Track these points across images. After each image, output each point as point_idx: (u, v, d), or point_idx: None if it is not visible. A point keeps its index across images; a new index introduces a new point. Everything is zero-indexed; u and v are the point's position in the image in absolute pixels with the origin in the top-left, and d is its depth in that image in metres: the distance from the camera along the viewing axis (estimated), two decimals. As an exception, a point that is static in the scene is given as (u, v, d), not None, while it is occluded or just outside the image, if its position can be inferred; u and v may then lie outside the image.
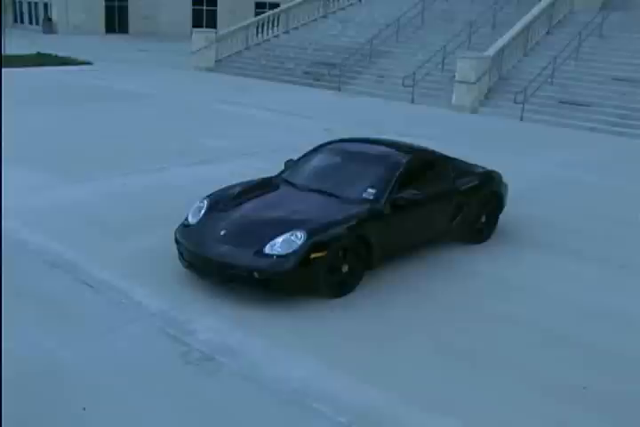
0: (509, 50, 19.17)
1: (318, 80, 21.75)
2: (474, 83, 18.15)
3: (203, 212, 7.03)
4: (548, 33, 20.62)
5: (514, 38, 19.24)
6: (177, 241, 6.96)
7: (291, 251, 6.29)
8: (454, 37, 20.92)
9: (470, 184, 8.08)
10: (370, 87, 20.62)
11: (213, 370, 5.43)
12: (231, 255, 6.39)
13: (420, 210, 7.36)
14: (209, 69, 24.20)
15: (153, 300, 6.48)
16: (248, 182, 7.69)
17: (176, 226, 7.85)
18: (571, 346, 6.11)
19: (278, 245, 6.35)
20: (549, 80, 18.17)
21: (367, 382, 5.36)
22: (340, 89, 20.91)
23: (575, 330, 6.40)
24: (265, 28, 25.23)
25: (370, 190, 7.12)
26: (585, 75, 18.35)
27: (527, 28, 19.71)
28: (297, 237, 6.36)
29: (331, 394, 5.19)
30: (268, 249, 6.34)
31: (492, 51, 18.69)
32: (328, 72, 21.60)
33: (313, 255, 6.33)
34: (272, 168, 11.34)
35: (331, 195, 7.13)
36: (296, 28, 25.57)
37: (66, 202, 9.04)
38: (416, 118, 17.20)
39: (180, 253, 6.90)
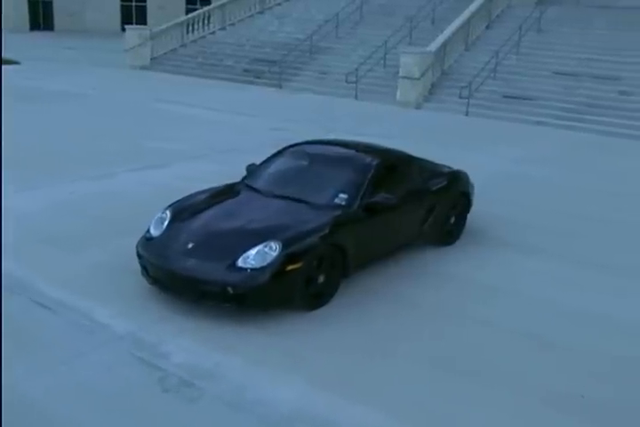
0: (451, 45, 19.15)
1: (259, 77, 21.32)
2: (418, 78, 18.06)
3: (166, 223, 6.59)
4: (487, 28, 20.71)
5: (455, 33, 19.22)
6: (139, 255, 6.50)
7: (266, 263, 5.92)
8: (394, 33, 20.79)
9: (440, 185, 7.86)
10: (312, 84, 20.32)
11: (194, 397, 5.02)
12: (201, 270, 5.97)
13: (393, 214, 7.09)
14: (144, 68, 23.47)
15: (118, 320, 6.01)
16: (211, 190, 7.27)
17: (132, 237, 7.39)
18: (560, 351, 5.94)
19: (252, 258, 5.97)
20: (492, 75, 18.23)
21: (360, 403, 5.05)
22: (281, 86, 20.54)
23: (560, 334, 6.23)
24: (200, 24, 24.61)
25: (341, 195, 6.81)
26: (527, 69, 18.48)
27: (467, 22, 19.72)
28: (271, 249, 5.99)
29: (322, 418, 4.87)
30: (241, 262, 5.96)
31: (434, 46, 18.62)
32: (269, 69, 21.19)
33: (289, 267, 5.98)
34: (224, 171, 10.96)
35: (300, 201, 6.78)
36: (232, 25, 25.05)
37: (8, 214, 8.42)
38: (363, 115, 17.00)
39: (144, 269, 6.45)
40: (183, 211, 6.74)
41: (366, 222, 6.77)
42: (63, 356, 5.43)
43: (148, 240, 6.51)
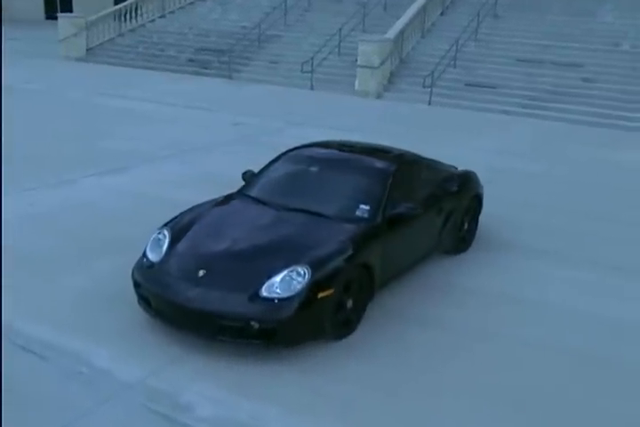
0: (408, 32, 18.50)
1: (206, 68, 20.22)
2: (377, 67, 17.36)
3: (165, 246, 5.69)
4: (442, 14, 20.15)
5: (411, 20, 18.58)
6: (137, 284, 5.59)
7: (294, 292, 5.12)
8: (346, 19, 19.98)
9: (453, 188, 7.18)
10: (263, 74, 19.37)
11: (236, 462, 4.21)
12: (218, 302, 5.13)
13: (413, 224, 6.37)
14: (80, 59, 22.03)
15: (121, 364, 5.12)
16: (209, 203, 6.38)
17: (114, 257, 6.56)
18: (616, 369, 5.36)
19: (277, 286, 5.16)
20: (452, 63, 17.69)
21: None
22: (231, 77, 19.53)
23: (608, 349, 5.67)
24: (138, 12, 23.24)
25: (362, 207, 6.04)
26: (487, 56, 18.02)
27: (423, 8, 19.11)
28: (299, 275, 5.19)
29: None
30: (265, 291, 5.13)
31: (392, 33, 17.95)
32: (217, 59, 20.11)
33: (320, 295, 5.20)
34: (195, 173, 10.05)
35: (317, 215, 5.98)
36: (172, 12, 23.77)
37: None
38: (323, 107, 16.19)
39: (143, 299, 5.54)
40: (183, 230, 5.85)
41: (390, 236, 6.04)
42: (64, 418, 4.52)
43: (146, 267, 5.59)
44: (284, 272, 5.20)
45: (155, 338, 5.45)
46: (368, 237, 5.80)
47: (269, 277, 5.19)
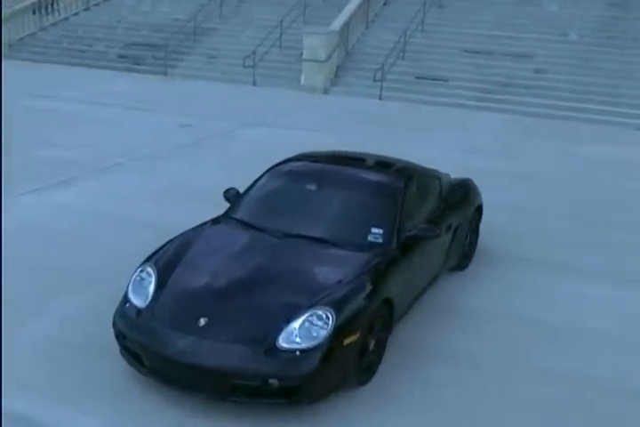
0: (352, 23, 17.80)
1: (139, 64, 19.06)
2: (324, 61, 16.64)
3: (152, 287, 4.81)
4: (385, 4, 19.50)
5: (355, 10, 17.87)
6: (122, 336, 4.70)
7: (318, 341, 4.35)
8: (285, 10, 19.08)
9: (456, 200, 6.53)
10: (201, 70, 18.37)
11: None
12: (229, 358, 4.30)
13: (426, 245, 5.67)
14: (0, 56, 20.39)
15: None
16: (195, 233, 5.49)
17: (78, 294, 5.70)
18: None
19: (297, 334, 4.37)
20: (401, 55, 17.13)
21: None
22: (166, 73, 18.44)
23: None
24: (61, 4, 21.74)
25: (375, 231, 5.30)
26: (435, 48, 17.52)
27: (365, -2, 18.44)
28: (320, 319, 4.42)
29: None
30: (283, 342, 4.35)
31: (337, 25, 17.23)
32: (151, 55, 18.94)
33: (347, 341, 4.45)
34: (152, 184, 9.06)
35: (324, 242, 5.20)
36: (97, 5, 22.35)
37: None
38: (271, 104, 15.36)
39: (131, 354, 4.65)
40: (170, 266, 4.98)
41: (405, 262, 5.32)
42: None
43: (132, 314, 4.69)
44: (303, 317, 4.42)
45: (149, 400, 4.58)
46: (385, 266, 5.08)
47: (286, 323, 4.39)
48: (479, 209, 6.97)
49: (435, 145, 11.88)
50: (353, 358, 4.56)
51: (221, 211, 6.31)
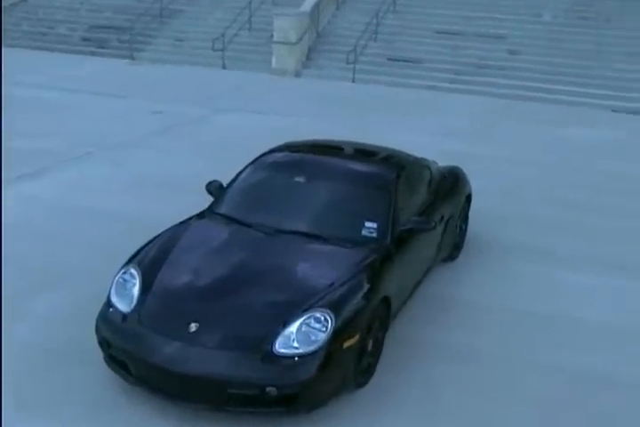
0: (322, 4, 17.43)
1: (103, 47, 18.50)
2: (295, 43, 16.29)
3: (136, 290, 4.52)
4: (354, -16, 19.10)
5: (325, -9, 17.52)
6: (106, 343, 4.42)
7: (317, 345, 4.12)
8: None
9: (447, 189, 6.32)
10: (169, 53, 17.90)
11: None
12: (223, 366, 4.05)
13: (419, 237, 5.46)
14: (-44, 39, 19.63)
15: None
16: (179, 230, 5.19)
17: (53, 294, 5.36)
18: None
19: (294, 338, 4.13)
20: (373, 37, 16.83)
21: None
22: (133, 57, 17.90)
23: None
24: (19, -15, 20.95)
25: (369, 225, 5.07)
26: (407, 29, 17.26)
27: (335, -22, 18.06)
28: (318, 321, 4.20)
29: None
30: (280, 347, 4.11)
31: (307, 6, 16.86)
32: (116, 37, 18.38)
33: (346, 344, 4.23)
34: (126, 175, 8.69)
35: (316, 237, 4.96)
36: (57, -15, 21.54)
37: None
38: (243, 88, 14.96)
39: (117, 363, 4.38)
40: (155, 267, 4.69)
41: (400, 257, 5.11)
42: None
43: (116, 320, 4.41)
44: (300, 320, 4.19)
45: (136, 411, 4.32)
46: (381, 262, 4.86)
47: (282, 327, 4.15)
48: (469, 198, 6.79)
49: (411, 129, 11.68)
50: (352, 361, 4.35)
51: (199, 201, 6.05)
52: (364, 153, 6.11)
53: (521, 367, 5.07)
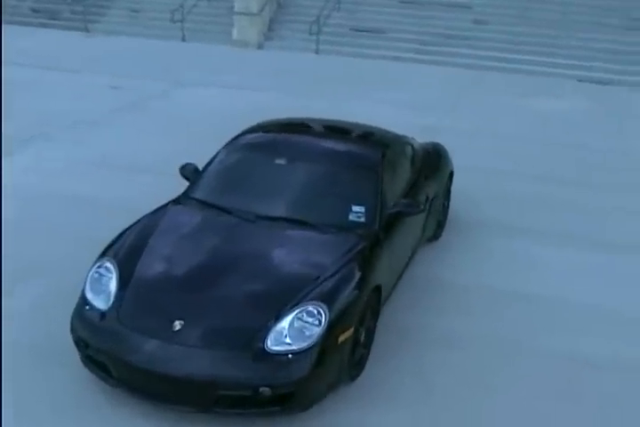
0: (282, -27, 16.90)
1: (55, 19, 17.70)
2: (257, 14, 15.78)
3: (114, 285, 4.22)
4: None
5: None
6: (83, 343, 4.13)
7: (312, 340, 3.89)
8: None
9: (431, 168, 6.09)
10: (125, 25, 17.21)
11: None
12: (212, 367, 3.80)
13: (405, 220, 5.23)
14: None
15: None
16: (154, 218, 4.87)
17: (15, 286, 5.04)
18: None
19: (287, 334, 3.89)
20: (336, 6, 16.37)
21: None
22: (87, 29, 17.17)
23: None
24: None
25: (356, 209, 4.83)
26: (369, -3, 16.80)
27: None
28: (311, 315, 3.97)
29: None
30: (273, 344, 3.87)
31: (268, -25, 16.29)
32: (68, 8, 17.60)
33: (342, 338, 4.00)
34: (88, 156, 8.26)
35: (301, 223, 4.70)
36: (3, -47, 20.52)
37: None
38: (204, 61, 14.48)
39: (96, 364, 4.09)
40: (132, 260, 4.38)
41: (388, 242, 4.89)
42: None
43: (93, 318, 4.11)
44: (293, 314, 3.95)
45: (117, 413, 4.05)
46: (371, 249, 4.63)
47: (274, 322, 3.91)
48: (451, 175, 6.58)
49: (379, 102, 11.42)
50: (346, 355, 4.13)
51: (171, 183, 5.73)
52: (344, 131, 5.83)
53: (511, 352, 4.95)
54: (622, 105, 12.08)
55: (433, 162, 6.20)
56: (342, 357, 4.09)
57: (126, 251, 4.45)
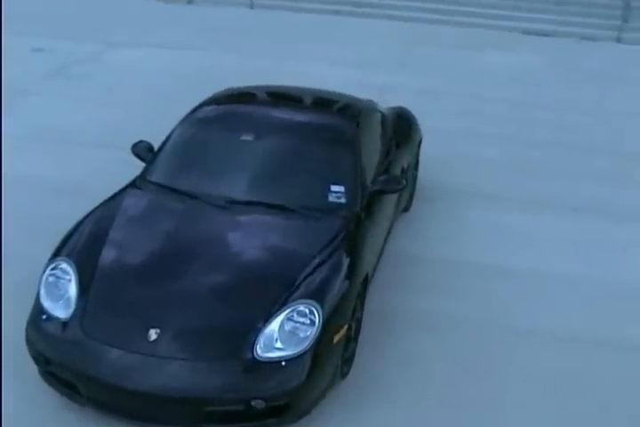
0: None
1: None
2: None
3: (74, 290, 3.71)
4: None
5: None
6: (43, 359, 3.63)
7: (306, 344, 3.50)
8: None
9: (403, 136, 5.70)
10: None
11: None
12: (197, 380, 3.37)
13: (382, 197, 4.85)
14: None
15: None
16: (111, 207, 4.32)
17: None
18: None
19: (277, 338, 3.49)
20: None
21: None
22: (-1, -17, 15.80)
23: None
24: None
25: (335, 189, 4.40)
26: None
27: None
28: (304, 315, 3.57)
29: None
30: (263, 351, 3.47)
31: None
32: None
33: (336, 338, 3.63)
34: (20, 131, 7.47)
35: (278, 207, 4.25)
36: None
37: None
38: (131, 17, 13.49)
39: (60, 381, 3.61)
40: (92, 258, 3.87)
41: (369, 223, 4.51)
42: None
43: (52, 329, 3.60)
44: (282, 315, 3.54)
45: None
46: (355, 232, 4.24)
47: (262, 325, 3.49)
48: (420, 142, 6.19)
49: (323, 60, 10.88)
50: (340, 354, 3.76)
51: (119, 157, 5.16)
52: (312, 100, 5.35)
53: (502, 334, 4.71)
54: (570, 58, 11.87)
55: (404, 130, 5.81)
56: (337, 356, 3.73)
57: (83, 248, 3.93)
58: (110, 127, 7.50)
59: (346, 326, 3.72)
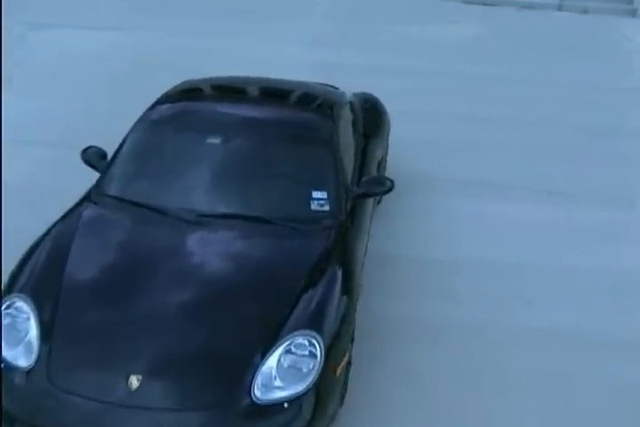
0: None
1: None
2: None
3: (34, 332, 3.23)
4: None
5: None
6: (6, 416, 3.15)
7: (309, 380, 3.14)
8: None
9: (374, 127, 5.33)
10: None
11: None
12: (191, 431, 2.96)
13: (364, 200, 4.48)
14: None
15: None
16: (66, 229, 3.79)
17: None
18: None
19: (276, 376, 3.11)
20: None
21: None
22: None
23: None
24: None
25: (318, 195, 4.00)
26: None
27: None
28: (303, 347, 3.22)
29: None
30: (262, 393, 3.10)
31: None
32: None
33: (339, 369, 3.27)
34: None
35: (257, 220, 3.82)
36: None
37: None
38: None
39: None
40: (52, 290, 3.38)
41: (355, 230, 4.13)
42: None
43: (14, 380, 3.12)
44: (279, 350, 3.15)
45: None
46: (344, 245, 3.88)
47: (258, 362, 3.09)
48: (389, 133, 5.81)
49: (268, 38, 10.33)
50: (342, 385, 3.41)
51: (67, 157, 4.64)
52: (281, 94, 4.88)
53: (504, 338, 4.44)
54: (514, 27, 11.62)
55: (373, 119, 5.41)
56: (340, 390, 3.37)
57: (39, 279, 3.44)
58: (51, 121, 6.90)
59: (347, 355, 3.37)
